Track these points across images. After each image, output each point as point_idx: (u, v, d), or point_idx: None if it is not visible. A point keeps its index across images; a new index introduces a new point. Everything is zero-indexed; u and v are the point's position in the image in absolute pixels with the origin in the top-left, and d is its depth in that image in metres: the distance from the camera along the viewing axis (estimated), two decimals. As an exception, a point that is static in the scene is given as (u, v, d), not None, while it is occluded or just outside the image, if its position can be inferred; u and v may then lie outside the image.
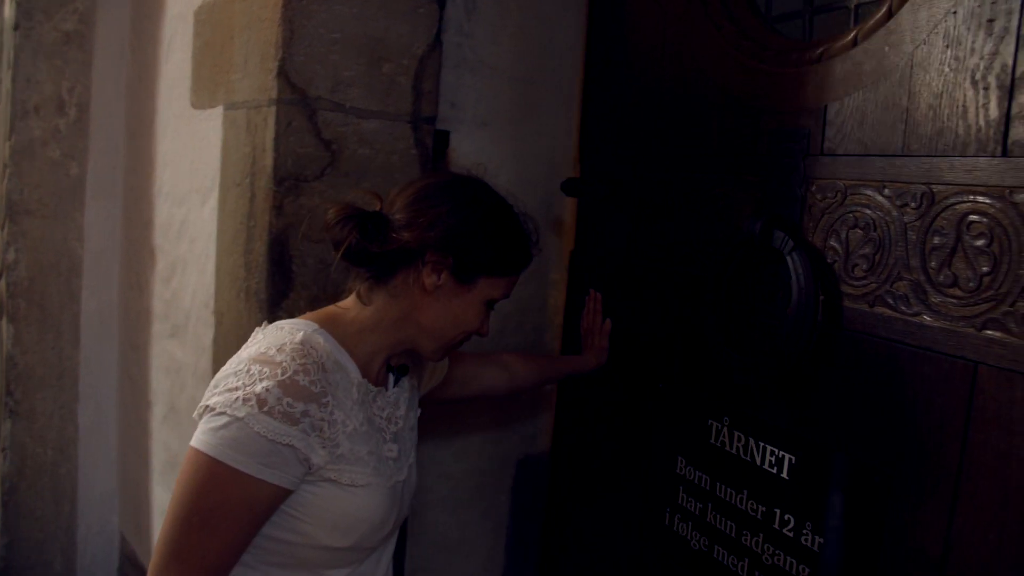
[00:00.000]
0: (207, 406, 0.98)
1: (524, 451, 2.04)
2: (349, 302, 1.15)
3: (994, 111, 1.02)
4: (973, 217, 1.03)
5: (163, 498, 2.05)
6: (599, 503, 1.78)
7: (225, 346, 1.65)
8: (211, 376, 1.77)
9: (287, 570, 1.05)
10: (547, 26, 1.90)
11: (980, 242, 1.02)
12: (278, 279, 1.46)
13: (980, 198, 1.02)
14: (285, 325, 1.08)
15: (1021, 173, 0.98)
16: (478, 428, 1.95)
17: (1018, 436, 0.97)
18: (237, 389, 0.97)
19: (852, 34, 1.21)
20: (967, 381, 1.04)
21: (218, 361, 1.70)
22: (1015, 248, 0.98)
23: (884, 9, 1.16)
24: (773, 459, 1.32)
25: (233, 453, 0.94)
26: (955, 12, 1.06)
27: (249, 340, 1.12)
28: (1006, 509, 0.99)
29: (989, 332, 1.01)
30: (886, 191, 1.15)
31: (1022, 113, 0.99)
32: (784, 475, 1.30)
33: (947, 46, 1.08)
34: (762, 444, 1.34)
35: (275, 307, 1.46)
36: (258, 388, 0.96)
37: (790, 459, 1.29)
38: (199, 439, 0.97)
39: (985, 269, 1.02)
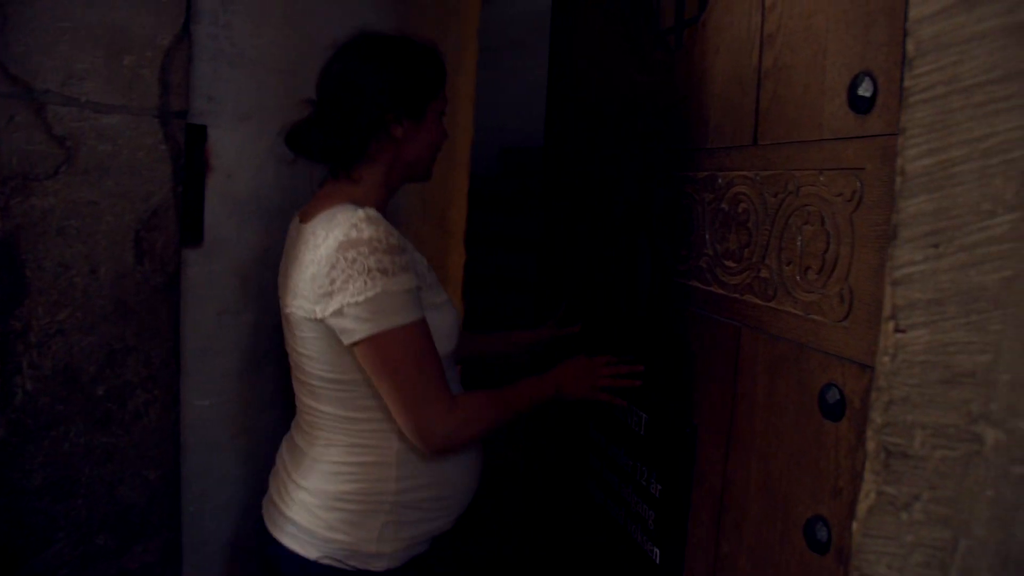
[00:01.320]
0: (337, 309, 1.15)
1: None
2: (337, 186, 1.32)
3: (750, 106, 1.17)
4: (740, 198, 1.18)
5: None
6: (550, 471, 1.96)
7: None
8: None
9: None
10: (314, 17, 1.89)
11: (742, 218, 1.17)
12: (8, 285, 1.36)
13: (742, 181, 1.18)
14: (336, 214, 1.21)
15: (765, 158, 1.13)
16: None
17: (759, 387, 1.13)
18: (352, 276, 1.12)
19: (685, 46, 1.37)
20: (735, 342, 1.19)
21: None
22: (761, 221, 1.13)
23: (700, 22, 1.32)
24: (637, 419, 1.49)
25: (395, 317, 1.14)
26: (732, 23, 1.23)
27: (296, 239, 1.30)
28: (736, 447, 1.16)
29: (746, 297, 1.16)
30: (697, 178, 1.30)
31: (765, 106, 1.13)
32: (642, 432, 1.47)
33: (728, 54, 1.23)
34: (632, 406, 1.51)
35: (8, 316, 1.36)
36: (371, 263, 1.12)
37: (645, 418, 1.46)
38: (362, 329, 1.14)
39: (744, 241, 1.16)
